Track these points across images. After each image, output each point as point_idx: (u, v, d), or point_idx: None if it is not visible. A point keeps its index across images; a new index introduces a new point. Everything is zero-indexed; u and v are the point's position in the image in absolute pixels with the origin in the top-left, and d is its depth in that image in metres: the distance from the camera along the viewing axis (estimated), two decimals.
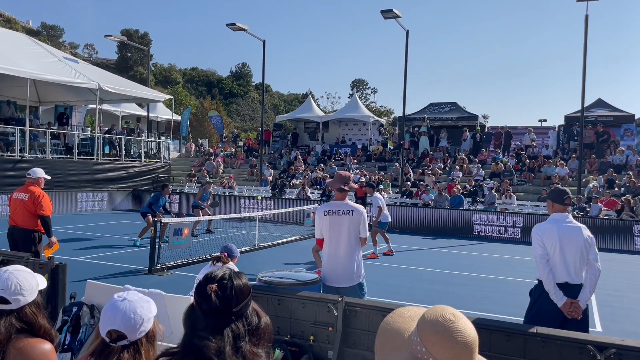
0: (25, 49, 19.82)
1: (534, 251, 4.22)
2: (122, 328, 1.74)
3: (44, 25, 79.72)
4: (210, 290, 1.59)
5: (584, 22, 17.48)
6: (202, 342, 1.54)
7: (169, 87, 63.06)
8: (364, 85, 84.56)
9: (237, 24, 21.02)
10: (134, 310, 1.76)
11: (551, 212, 4.38)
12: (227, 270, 1.69)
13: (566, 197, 4.33)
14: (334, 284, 4.61)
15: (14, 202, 6.73)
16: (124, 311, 1.75)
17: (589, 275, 4.13)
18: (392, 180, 21.49)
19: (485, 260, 12.18)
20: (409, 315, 1.39)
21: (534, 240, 4.24)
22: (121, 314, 1.75)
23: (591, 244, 4.16)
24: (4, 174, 16.98)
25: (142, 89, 23.56)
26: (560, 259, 4.10)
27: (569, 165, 20.72)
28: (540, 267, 4.15)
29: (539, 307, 4.20)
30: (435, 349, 1.25)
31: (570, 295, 4.06)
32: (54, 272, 4.67)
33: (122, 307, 1.76)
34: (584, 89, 17.79)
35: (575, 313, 4.02)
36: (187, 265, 9.70)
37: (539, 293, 4.22)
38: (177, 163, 28.71)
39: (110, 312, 1.76)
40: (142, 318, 1.78)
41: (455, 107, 28.86)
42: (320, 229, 4.73)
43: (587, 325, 4.16)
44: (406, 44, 20.39)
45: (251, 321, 1.62)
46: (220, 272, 1.68)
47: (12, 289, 1.96)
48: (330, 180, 5.17)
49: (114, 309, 1.76)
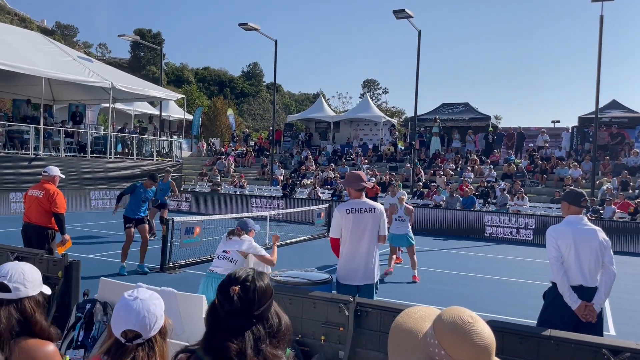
0: (41, 48, 20.03)
1: (548, 253, 4.17)
2: (137, 327, 1.74)
3: (58, 25, 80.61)
4: (233, 292, 1.59)
5: (599, 23, 17.30)
6: (223, 343, 1.54)
7: (182, 87, 63.41)
8: (375, 85, 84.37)
9: (250, 24, 21.07)
10: (147, 309, 1.76)
11: (566, 214, 4.32)
12: (251, 272, 1.68)
13: (583, 199, 4.28)
14: (353, 282, 4.58)
15: (29, 199, 6.81)
16: (138, 310, 1.75)
17: (604, 278, 4.08)
18: (403, 181, 21.42)
19: (497, 262, 12.10)
20: (419, 316, 1.39)
21: (548, 243, 4.18)
22: (135, 314, 1.74)
23: (607, 247, 4.11)
24: (19, 172, 17.18)
25: (154, 88, 23.70)
26: (575, 261, 4.05)
27: (582, 166, 20.52)
28: (555, 270, 4.10)
29: (553, 310, 4.16)
30: (454, 351, 1.24)
31: (585, 298, 4.01)
32: (67, 269, 4.71)
33: (135, 307, 1.75)
34: (599, 90, 17.60)
35: (590, 316, 3.97)
36: (198, 264, 9.75)
37: (552, 295, 4.18)
38: (188, 162, 28.86)
39: (124, 312, 1.75)
40: (156, 316, 1.78)
41: (468, 107, 28.71)
42: (340, 228, 4.66)
43: (601, 329, 4.12)
44: (418, 44, 20.31)
45: (272, 323, 1.61)
46: (244, 274, 1.67)
47: (14, 278, 1.96)
48: (344, 180, 5.18)
49: (128, 309, 1.76)
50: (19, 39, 19.65)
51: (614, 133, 22.50)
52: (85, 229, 13.98)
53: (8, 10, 76.30)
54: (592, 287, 4.06)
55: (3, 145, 17.51)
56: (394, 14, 19.01)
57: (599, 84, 17.56)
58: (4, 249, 5.36)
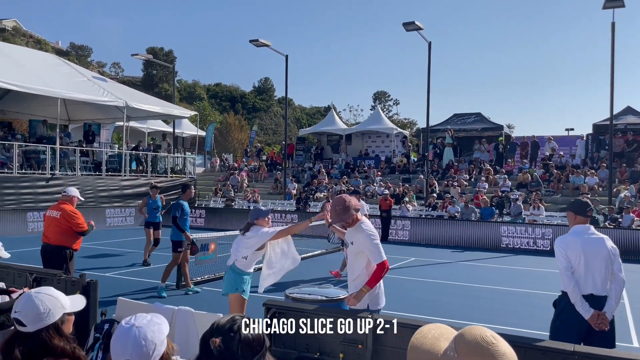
0: (56, 69, 20.43)
1: (559, 264, 4.23)
2: (136, 357, 1.64)
3: (72, 46, 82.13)
4: (213, 344, 1.39)
5: (611, 30, 17.20)
6: None
7: (194, 103, 64.06)
8: (385, 97, 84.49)
9: (261, 40, 21.26)
10: (144, 337, 1.66)
11: (572, 224, 4.38)
12: (238, 319, 1.48)
13: (589, 209, 4.36)
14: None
15: (47, 220, 6.91)
16: (135, 339, 1.65)
17: (614, 286, 4.15)
18: (416, 193, 21.33)
19: (515, 274, 11.95)
20: (433, 336, 1.40)
21: (557, 254, 4.26)
22: (132, 343, 1.65)
23: (615, 255, 4.18)
24: (36, 191, 17.42)
25: (167, 106, 23.99)
26: (585, 271, 4.12)
27: (598, 174, 20.28)
28: (566, 280, 4.16)
29: (564, 319, 4.21)
30: None
31: (596, 306, 4.07)
32: (85, 289, 4.74)
33: (132, 335, 1.66)
34: (613, 96, 17.45)
35: (603, 324, 4.03)
36: (213, 281, 9.75)
37: (563, 304, 4.23)
38: (202, 178, 29.04)
39: (120, 342, 1.67)
40: (154, 343, 1.68)
41: (480, 117, 28.60)
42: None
43: (613, 336, 4.15)
44: (429, 56, 20.33)
45: None
46: (229, 322, 1.45)
47: (29, 312, 2.03)
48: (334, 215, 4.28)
49: (124, 338, 1.67)
50: (35, 61, 20.06)
51: (629, 140, 22.24)
52: (101, 247, 14.09)
53: (23, 33, 77.97)
54: (602, 295, 4.12)
55: (20, 166, 17.79)
56: (404, 27, 19.06)
57: (613, 90, 17.43)
58: (23, 270, 5.42)
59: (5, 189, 16.57)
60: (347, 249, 4.42)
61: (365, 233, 4.18)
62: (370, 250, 4.11)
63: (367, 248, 4.13)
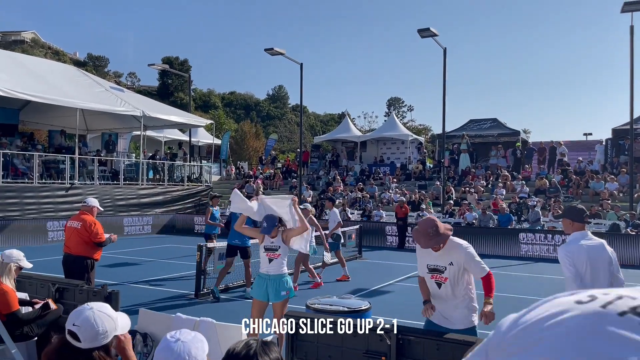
0: (74, 80, 20.75)
1: (565, 273, 4.20)
2: None
3: (90, 56, 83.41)
4: None
5: (630, 33, 16.97)
6: None
7: (209, 112, 64.55)
8: (399, 103, 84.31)
9: (275, 49, 21.34)
10: (189, 352, 1.73)
11: (570, 231, 4.36)
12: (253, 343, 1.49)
13: (585, 215, 4.42)
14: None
15: (68, 230, 6.98)
16: (179, 353, 1.72)
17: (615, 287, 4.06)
18: (433, 199, 21.17)
19: (533, 281, 11.78)
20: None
21: (563, 262, 4.21)
22: (176, 357, 1.72)
23: (614, 257, 4.26)
24: (56, 201, 17.65)
25: (183, 115, 24.20)
26: (592, 277, 4.13)
27: (618, 179, 19.96)
28: (575, 289, 4.06)
29: None
30: None
31: None
32: (107, 300, 4.76)
33: (177, 349, 1.73)
34: (632, 100, 17.18)
35: None
36: (232, 290, 9.76)
37: None
38: (218, 186, 29.15)
39: (164, 355, 1.73)
40: (197, 359, 1.74)
41: (496, 123, 28.38)
42: None
43: None
44: (444, 62, 20.23)
45: None
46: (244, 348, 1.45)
47: (90, 332, 2.03)
48: (428, 240, 3.96)
49: (169, 352, 1.73)
50: (55, 73, 20.41)
51: None
52: (120, 256, 14.18)
53: (42, 44, 79.49)
54: None
55: (40, 176, 18.05)
56: (419, 33, 19.00)
57: (633, 94, 17.16)
58: (45, 281, 5.47)
59: (26, 199, 16.81)
60: (436, 273, 4.12)
61: (466, 250, 4.06)
62: (476, 264, 4.04)
63: (473, 263, 4.04)
